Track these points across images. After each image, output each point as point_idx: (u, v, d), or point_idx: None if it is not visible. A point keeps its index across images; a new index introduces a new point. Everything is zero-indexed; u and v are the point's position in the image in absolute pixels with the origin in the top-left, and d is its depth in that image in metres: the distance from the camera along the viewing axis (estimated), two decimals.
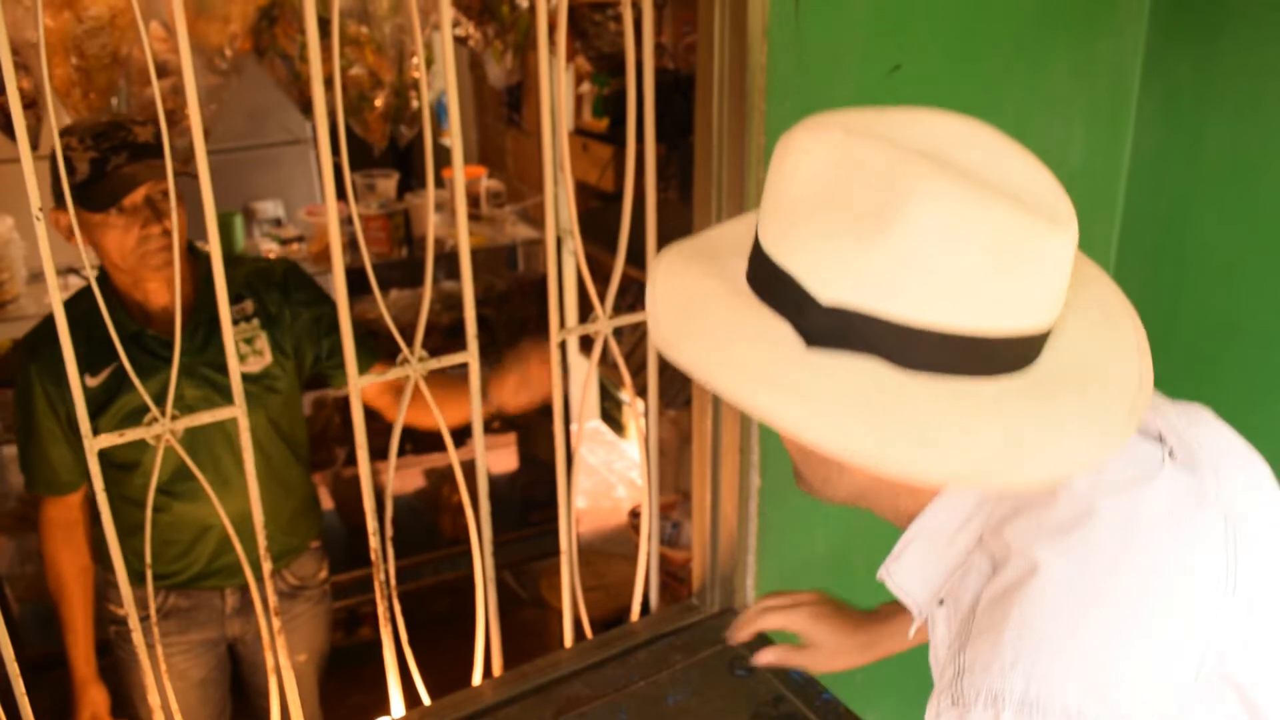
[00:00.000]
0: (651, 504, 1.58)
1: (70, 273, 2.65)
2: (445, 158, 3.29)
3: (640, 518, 1.63)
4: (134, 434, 1.19)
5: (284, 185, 3.53)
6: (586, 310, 1.44)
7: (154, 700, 1.34)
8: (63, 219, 1.62)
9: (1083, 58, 1.66)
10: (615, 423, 4.26)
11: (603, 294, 1.43)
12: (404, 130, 2.34)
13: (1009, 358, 0.70)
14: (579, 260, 1.40)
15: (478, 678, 1.52)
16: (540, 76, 1.27)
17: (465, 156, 3.86)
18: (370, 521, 1.35)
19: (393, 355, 1.38)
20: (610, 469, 4.05)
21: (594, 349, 1.47)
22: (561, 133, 1.32)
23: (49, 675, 1.87)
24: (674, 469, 2.95)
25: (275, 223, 3.29)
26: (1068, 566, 0.71)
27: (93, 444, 1.14)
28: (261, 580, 1.37)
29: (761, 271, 0.74)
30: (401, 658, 1.45)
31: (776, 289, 0.72)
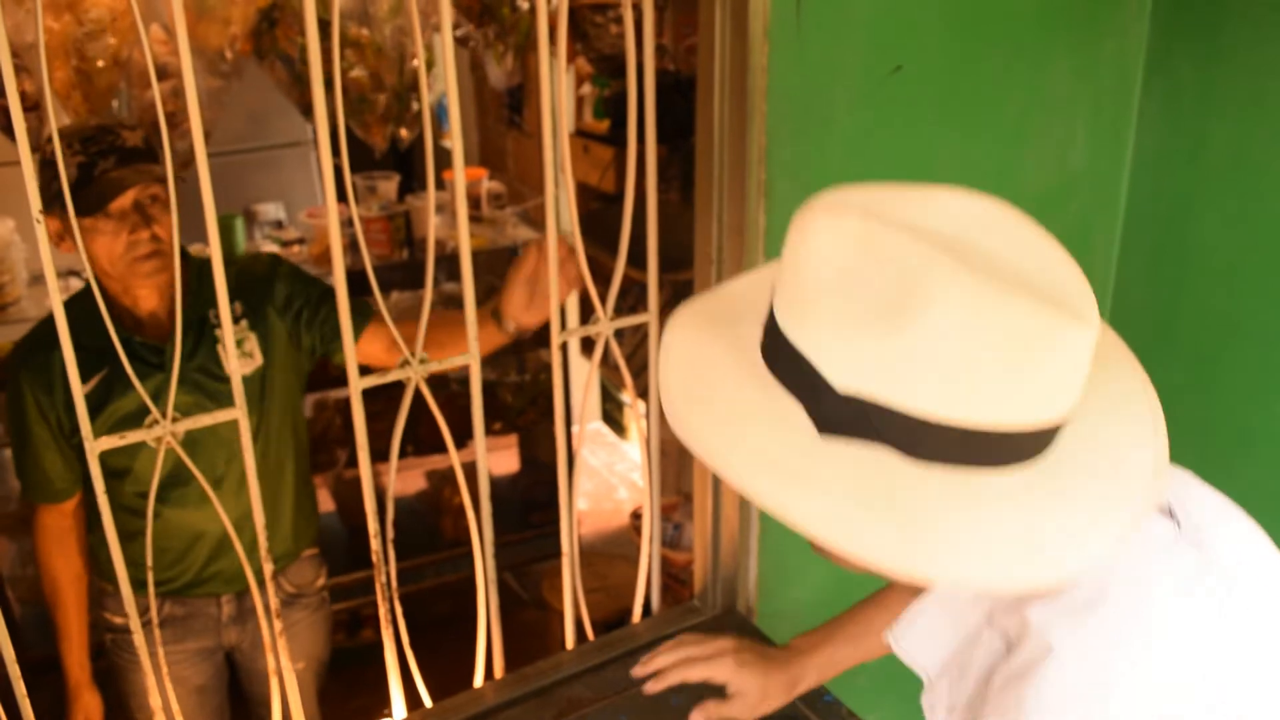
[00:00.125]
0: (653, 506, 1.58)
1: (71, 275, 2.65)
2: (446, 160, 3.29)
3: (642, 519, 1.62)
4: (135, 436, 1.19)
5: (285, 187, 3.53)
6: (588, 312, 1.44)
7: (155, 702, 1.34)
8: (52, 224, 1.60)
9: (1084, 58, 1.66)
10: (617, 424, 4.26)
11: (604, 296, 1.43)
12: (404, 132, 2.34)
13: (1025, 449, 0.70)
14: (580, 262, 1.40)
15: (479, 679, 1.52)
16: (541, 78, 1.27)
17: (466, 158, 3.87)
18: (371, 523, 1.35)
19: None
20: (612, 471, 4.05)
21: (595, 350, 1.47)
22: (562, 134, 1.32)
23: (50, 677, 1.87)
24: (675, 470, 2.94)
25: (276, 225, 3.29)
26: (1083, 651, 0.72)
27: (93, 446, 1.14)
28: (263, 583, 1.36)
29: (777, 349, 0.73)
30: (403, 659, 1.45)
31: (791, 370, 0.71)
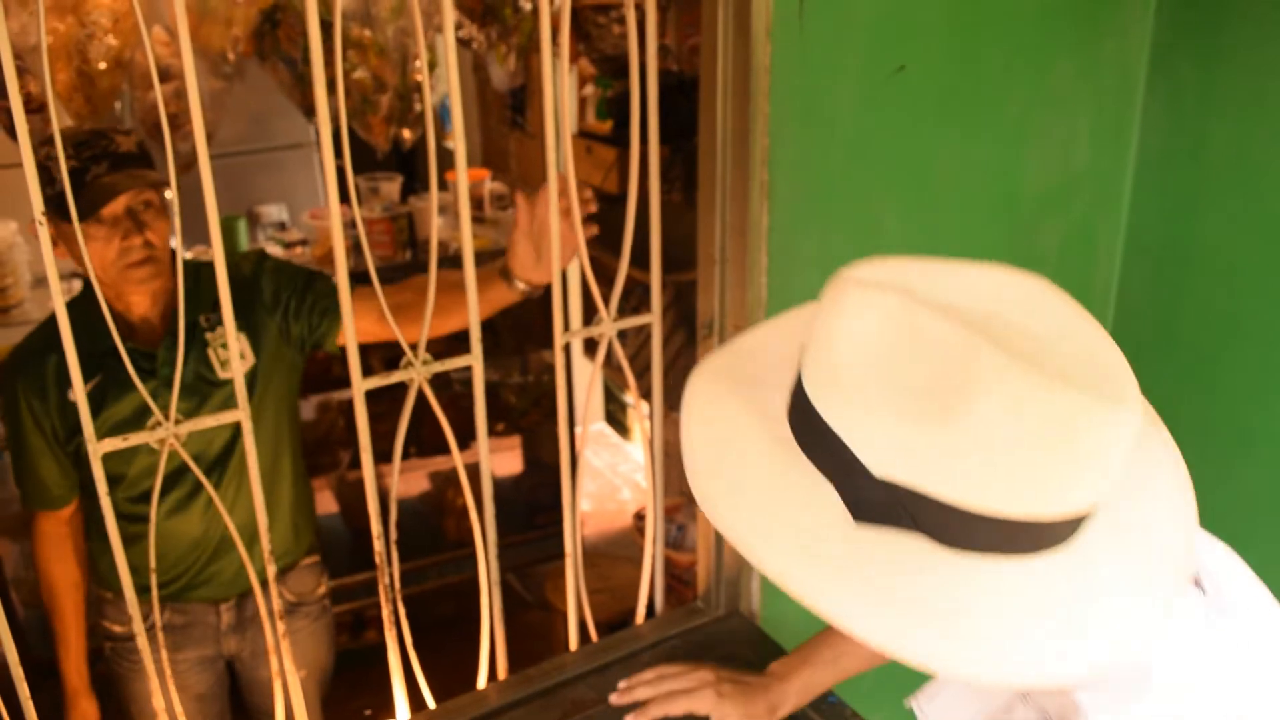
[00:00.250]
0: (656, 507, 1.58)
1: (74, 277, 2.65)
2: (449, 160, 3.29)
3: (645, 520, 1.62)
4: (138, 438, 1.19)
5: (288, 189, 3.53)
6: (590, 313, 1.44)
7: (158, 704, 1.34)
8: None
9: (1087, 57, 1.65)
10: (620, 425, 4.26)
11: (607, 296, 1.43)
12: (407, 133, 2.34)
13: (1060, 534, 0.69)
14: (583, 263, 1.40)
15: (482, 681, 1.52)
16: (543, 79, 1.26)
17: (469, 159, 3.87)
18: (374, 525, 1.35)
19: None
20: (615, 472, 4.05)
21: (598, 351, 1.46)
22: (565, 135, 1.32)
23: (52, 680, 1.87)
24: (679, 472, 2.93)
25: (279, 226, 3.29)
26: None
27: (96, 448, 1.14)
28: (265, 585, 1.36)
29: (809, 427, 0.72)
30: (406, 661, 1.44)
31: (825, 451, 0.71)
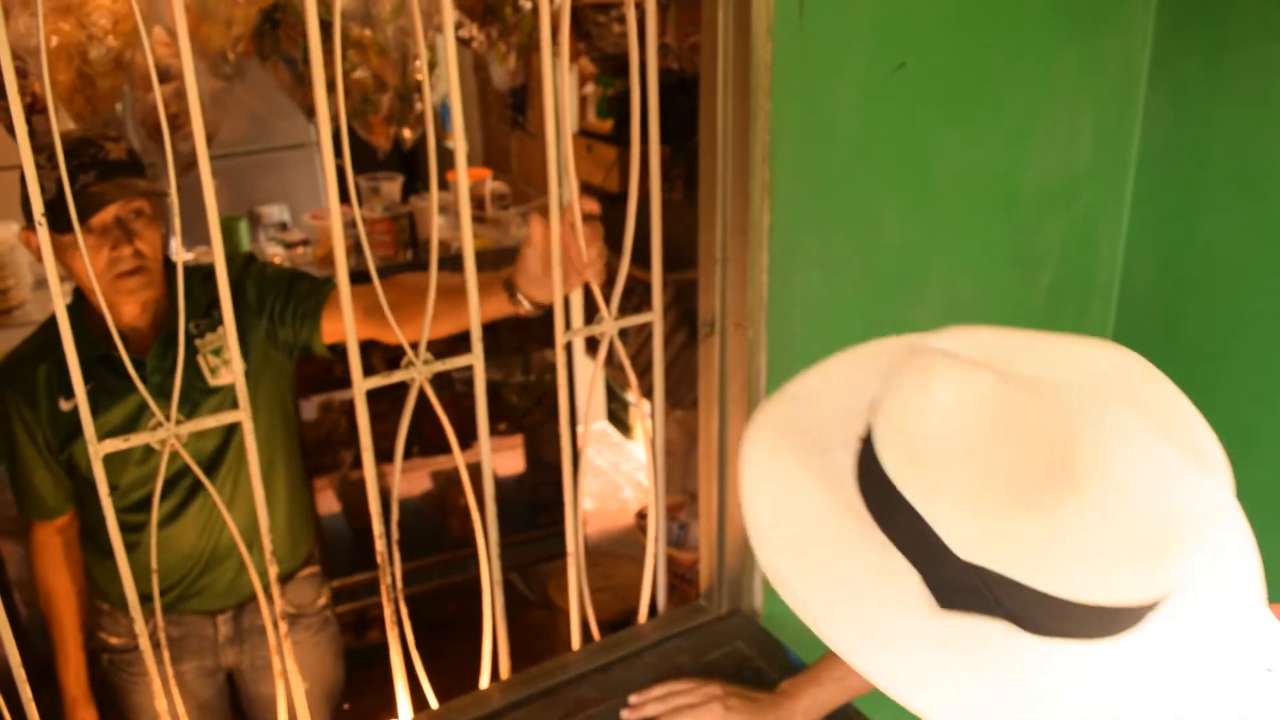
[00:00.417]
0: (658, 505, 1.58)
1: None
2: (449, 160, 3.29)
3: (647, 519, 1.62)
4: (140, 438, 1.19)
5: (289, 189, 3.53)
6: (592, 312, 1.44)
7: (160, 705, 1.34)
8: (33, 239, 1.57)
9: (1090, 53, 1.65)
10: (622, 424, 4.26)
11: (608, 295, 1.42)
12: (408, 133, 2.34)
13: (1139, 616, 0.68)
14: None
15: (485, 680, 1.52)
16: (544, 78, 1.26)
17: (470, 159, 3.87)
18: (376, 524, 1.35)
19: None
20: (617, 470, 4.05)
21: (600, 350, 1.46)
22: (566, 134, 1.31)
23: (55, 681, 1.87)
24: (681, 470, 2.94)
25: (281, 227, 3.29)
26: None
27: (97, 449, 1.14)
28: (267, 585, 1.36)
29: (885, 499, 0.70)
30: (409, 661, 1.44)
31: (903, 526, 0.69)
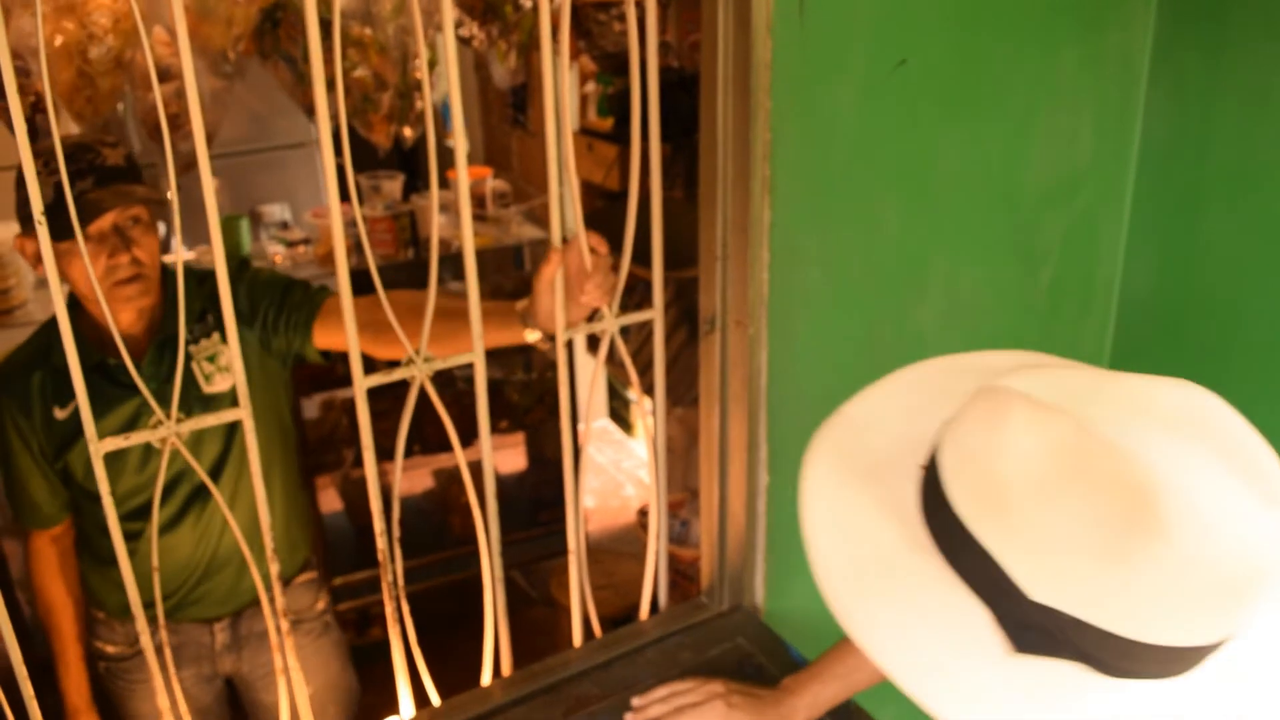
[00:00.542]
0: (660, 502, 1.58)
1: None
2: (450, 158, 3.29)
3: (649, 516, 1.62)
4: (140, 437, 1.19)
5: (290, 188, 3.54)
6: (593, 309, 1.44)
7: (163, 703, 1.34)
8: (29, 245, 1.57)
9: (1090, 50, 1.65)
10: (623, 422, 4.26)
11: None
12: (408, 131, 2.34)
13: (1209, 653, 0.69)
14: (585, 261, 1.39)
15: (487, 677, 1.52)
16: (544, 76, 1.26)
17: (471, 157, 3.87)
18: (377, 522, 1.35)
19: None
20: (619, 468, 4.05)
21: (601, 348, 1.46)
22: (566, 133, 1.31)
23: (58, 683, 1.87)
24: (682, 467, 2.94)
25: (282, 226, 3.29)
26: None
27: (98, 448, 1.14)
28: (269, 582, 1.36)
29: (955, 538, 0.71)
30: (410, 658, 1.45)
31: (974, 566, 0.69)
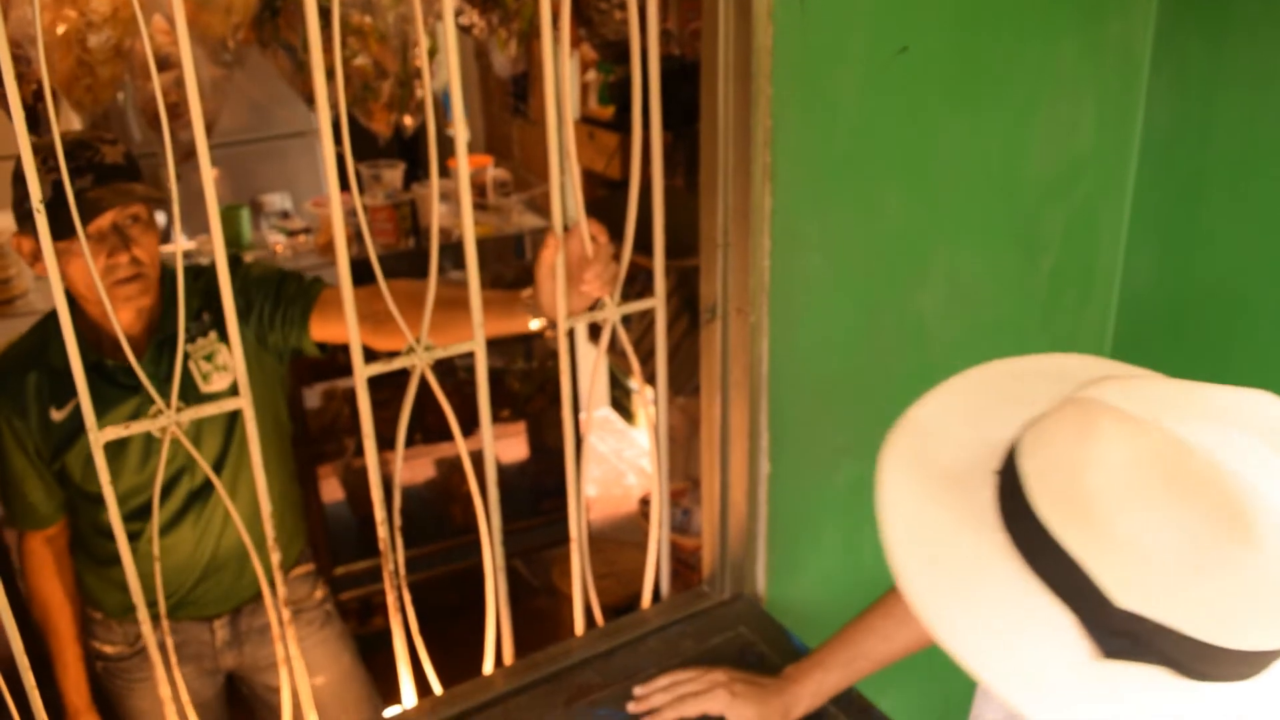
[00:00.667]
0: (661, 491, 1.58)
1: None
2: (450, 147, 3.28)
3: (650, 505, 1.62)
4: (139, 426, 1.19)
5: (291, 178, 3.53)
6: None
7: (165, 693, 1.34)
8: (25, 244, 1.55)
9: (1091, 38, 1.64)
10: (625, 411, 4.26)
11: None
12: (409, 120, 2.33)
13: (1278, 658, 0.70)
14: (586, 248, 1.39)
15: (489, 666, 1.52)
16: (545, 65, 1.26)
17: (471, 146, 3.86)
18: (378, 511, 1.35)
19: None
20: (620, 457, 4.05)
21: (602, 337, 1.46)
22: (567, 121, 1.31)
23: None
24: (684, 456, 2.94)
25: (283, 215, 3.28)
26: None
27: (98, 437, 1.14)
28: (270, 573, 1.37)
29: (1039, 546, 0.72)
30: (412, 647, 1.45)
31: (1059, 573, 0.70)
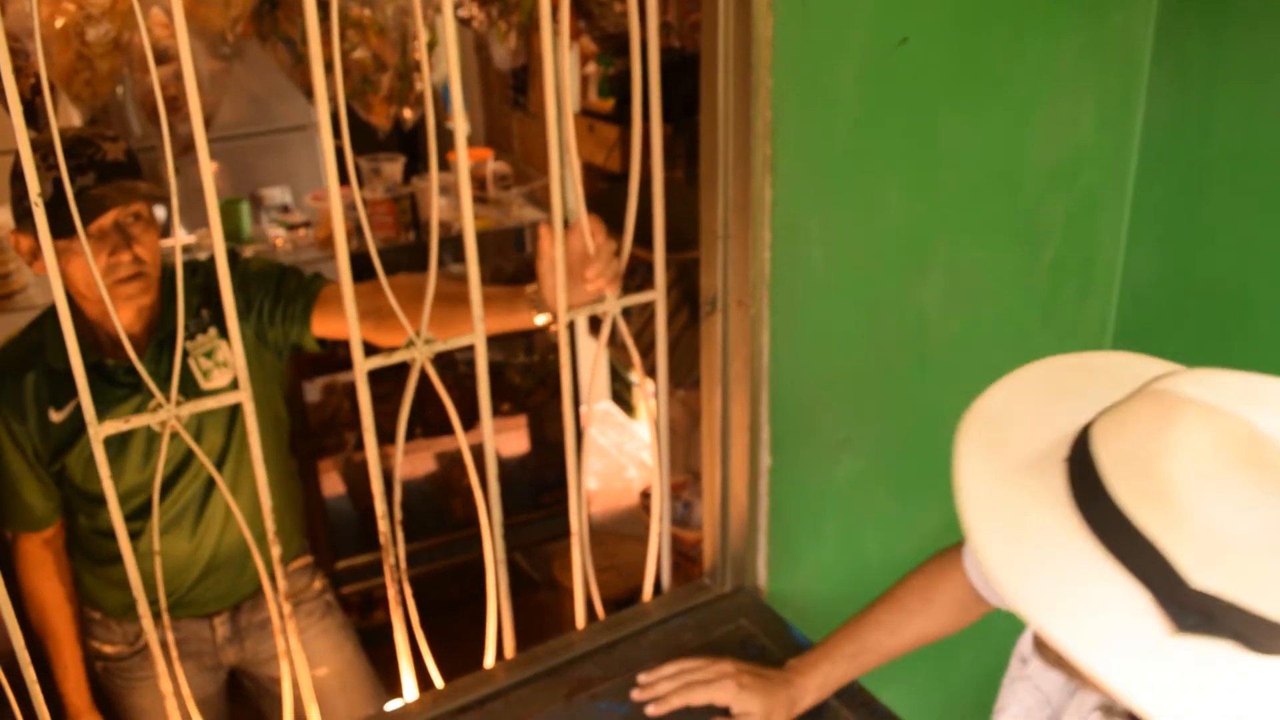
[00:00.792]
0: (662, 484, 1.58)
1: None
2: (450, 141, 3.28)
3: (651, 498, 1.62)
4: (140, 420, 1.19)
5: (291, 171, 3.52)
6: None
7: (166, 687, 1.34)
8: (24, 242, 1.53)
9: (1093, 30, 1.64)
10: (625, 404, 4.26)
11: None
12: (408, 113, 2.33)
13: None
14: (586, 241, 1.39)
15: (490, 660, 1.52)
16: (545, 58, 1.26)
17: (471, 139, 3.85)
18: (379, 505, 1.35)
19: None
20: (621, 450, 4.05)
21: (602, 330, 1.46)
22: (567, 114, 1.31)
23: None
24: (684, 449, 2.95)
25: (283, 209, 3.28)
26: None
27: (98, 431, 1.14)
28: (271, 569, 1.36)
29: (1116, 529, 0.75)
30: (413, 641, 1.45)
31: (1135, 555, 0.74)
